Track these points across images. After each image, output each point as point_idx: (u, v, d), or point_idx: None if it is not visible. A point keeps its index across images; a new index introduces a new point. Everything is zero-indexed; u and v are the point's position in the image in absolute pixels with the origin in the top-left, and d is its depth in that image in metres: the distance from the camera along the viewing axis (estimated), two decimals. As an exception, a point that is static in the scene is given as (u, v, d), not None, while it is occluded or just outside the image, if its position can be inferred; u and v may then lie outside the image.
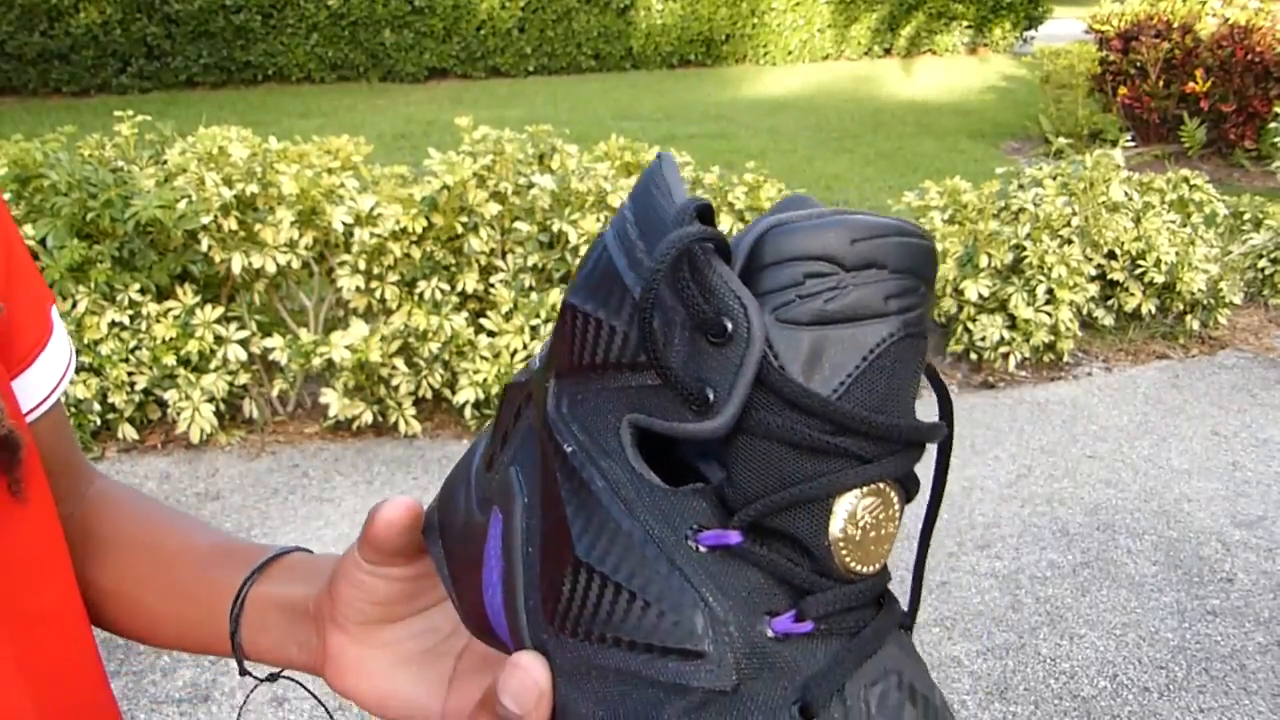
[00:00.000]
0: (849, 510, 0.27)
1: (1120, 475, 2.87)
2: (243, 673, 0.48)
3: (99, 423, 2.86)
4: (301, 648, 0.46)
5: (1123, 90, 6.60)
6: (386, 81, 9.58)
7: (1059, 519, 2.65)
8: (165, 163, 2.95)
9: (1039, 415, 3.24)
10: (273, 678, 0.49)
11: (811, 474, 0.27)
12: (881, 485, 0.28)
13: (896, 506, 0.28)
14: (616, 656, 0.28)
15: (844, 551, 0.28)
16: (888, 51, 11.15)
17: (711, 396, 0.27)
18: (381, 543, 0.40)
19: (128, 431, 2.85)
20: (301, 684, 0.50)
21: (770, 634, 0.27)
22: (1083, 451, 3.01)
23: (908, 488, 0.29)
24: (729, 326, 0.27)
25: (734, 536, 0.28)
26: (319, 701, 0.53)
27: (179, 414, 2.79)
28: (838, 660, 0.27)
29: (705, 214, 0.29)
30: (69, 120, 3.55)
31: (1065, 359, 3.53)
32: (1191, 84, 6.24)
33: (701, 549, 0.28)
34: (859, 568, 0.28)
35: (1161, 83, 6.43)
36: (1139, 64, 6.50)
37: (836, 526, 0.27)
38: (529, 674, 0.30)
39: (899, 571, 0.31)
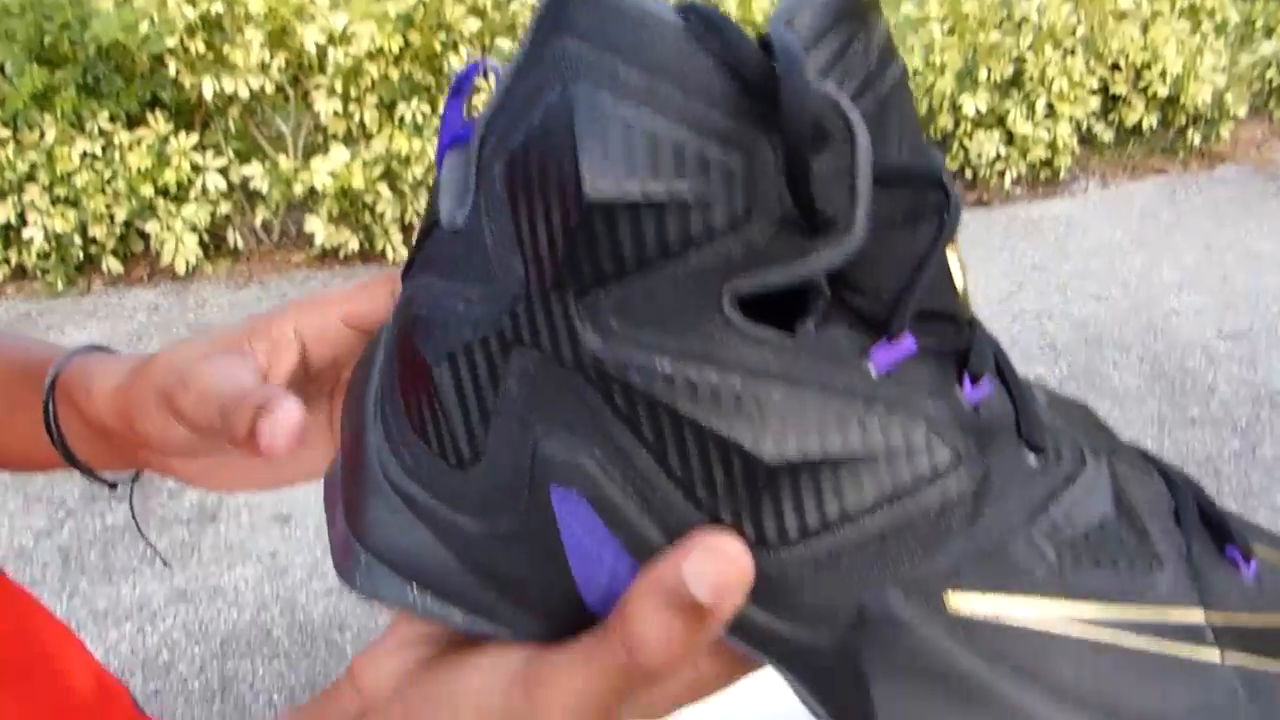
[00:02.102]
0: (956, 261, 0.26)
1: (1110, 291, 2.88)
2: (111, 486, 0.42)
3: (81, 256, 2.84)
4: (134, 462, 0.39)
5: (1139, -111, 6.22)
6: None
7: (1047, 334, 2.68)
8: (123, -21, 2.81)
9: (1032, 232, 3.22)
10: (137, 475, 0.43)
11: (923, 241, 0.24)
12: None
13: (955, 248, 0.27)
14: (866, 519, 0.25)
15: (966, 301, 0.26)
16: None
17: (834, 216, 0.23)
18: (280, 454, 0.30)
19: (112, 265, 2.83)
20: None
21: (968, 407, 0.25)
22: (1074, 268, 3.00)
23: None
24: (827, 129, 0.22)
25: (908, 343, 0.25)
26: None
27: (162, 245, 2.76)
28: (1021, 395, 0.26)
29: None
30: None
31: (1061, 175, 3.47)
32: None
33: (880, 375, 0.25)
34: (970, 313, 0.27)
35: (1181, -120, 6.06)
36: None
37: (958, 276, 0.26)
38: (726, 554, 0.24)
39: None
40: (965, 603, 0.24)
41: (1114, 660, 0.24)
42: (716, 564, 0.23)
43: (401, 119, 2.83)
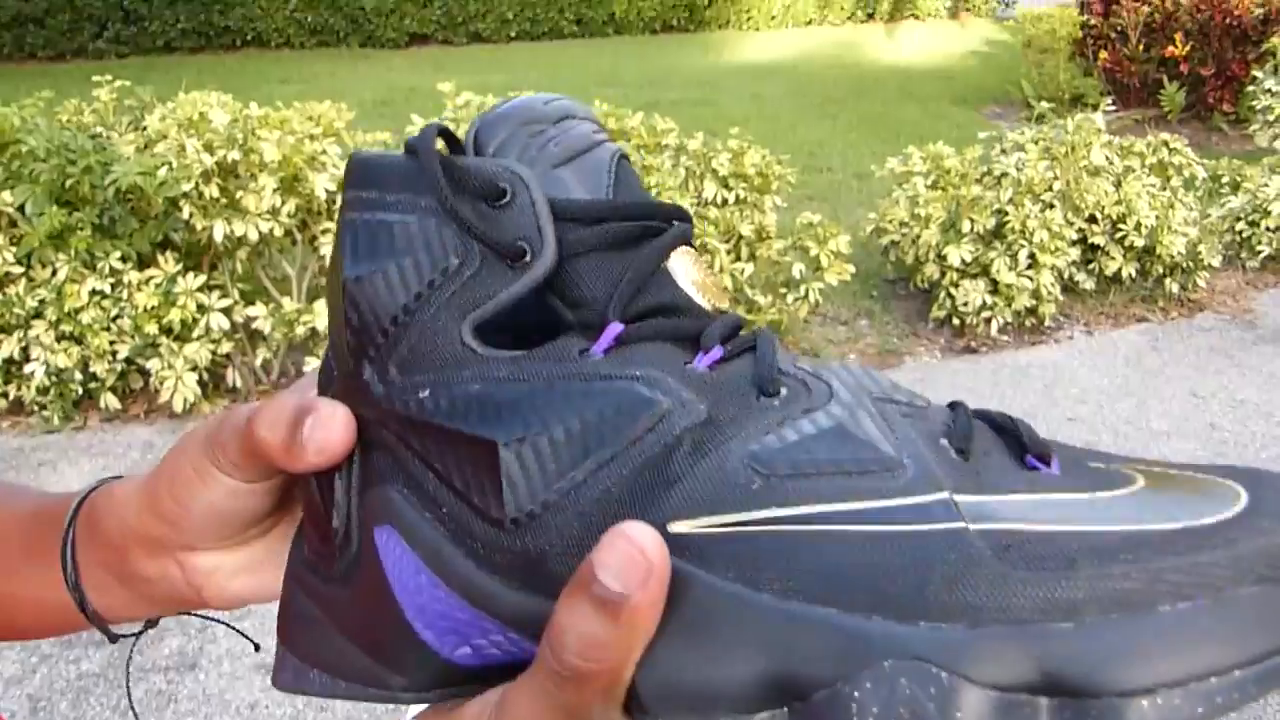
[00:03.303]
0: (681, 267, 0.32)
1: (1101, 437, 2.91)
2: (111, 639, 0.41)
3: (80, 392, 2.85)
4: (156, 600, 0.38)
5: (1103, 54, 6.59)
6: (367, 47, 9.46)
7: (1039, 480, 2.69)
8: (145, 129, 2.92)
9: (1020, 379, 3.27)
10: (151, 624, 0.43)
11: (636, 257, 0.31)
12: (686, 247, 0.32)
13: (703, 260, 0.33)
14: (598, 477, 0.28)
15: (702, 296, 0.32)
16: (870, 16, 11.08)
17: (526, 246, 0.30)
18: (313, 467, 0.32)
19: (110, 401, 2.84)
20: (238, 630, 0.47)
21: (700, 370, 0.29)
22: (1064, 414, 3.04)
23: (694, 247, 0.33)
24: (505, 186, 0.30)
25: (615, 327, 0.30)
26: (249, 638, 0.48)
27: (162, 383, 2.78)
28: (759, 355, 0.30)
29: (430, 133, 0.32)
30: (45, 85, 3.49)
31: (1046, 323, 3.56)
32: (1171, 48, 6.24)
33: (599, 356, 0.29)
34: (720, 305, 0.32)
35: (1141, 46, 6.43)
36: (1119, 28, 6.49)
37: (683, 280, 0.31)
38: (634, 541, 0.24)
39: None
40: (686, 527, 0.26)
41: (830, 547, 0.25)
42: (621, 550, 0.24)
43: (405, 262, 2.90)
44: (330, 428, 0.31)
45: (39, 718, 1.98)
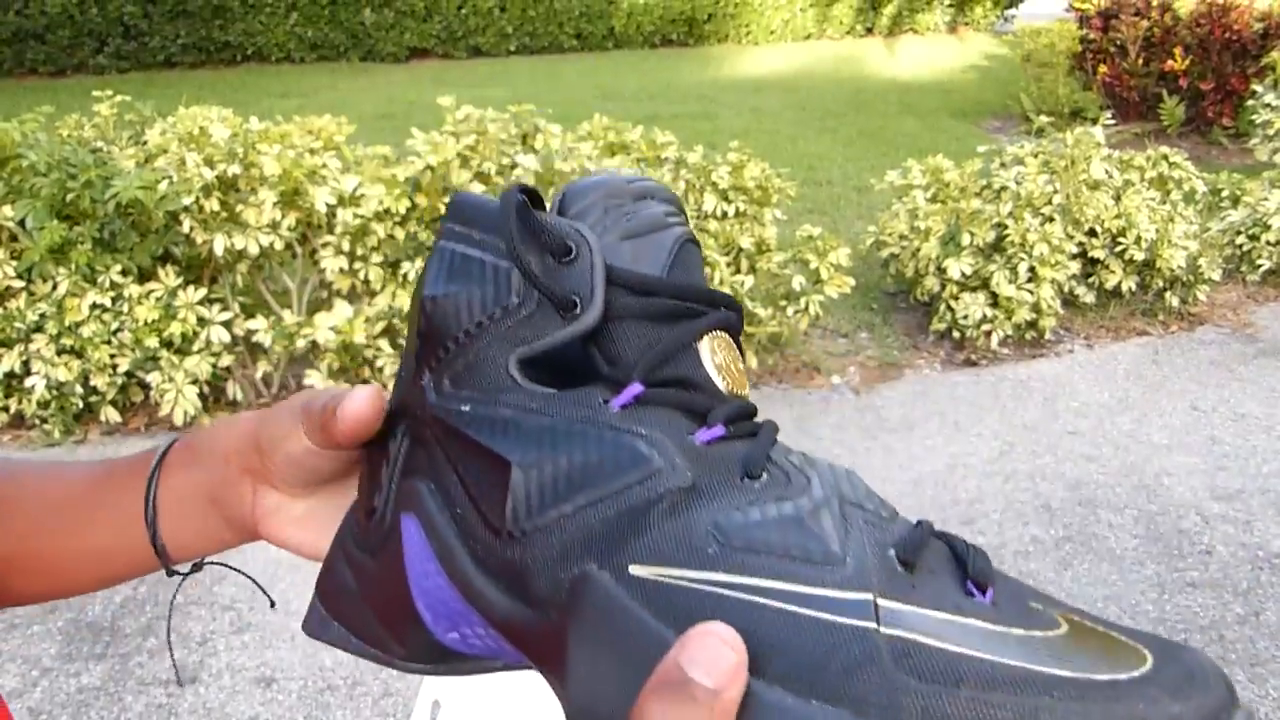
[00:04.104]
0: (709, 349, 0.35)
1: (1101, 451, 2.90)
2: (170, 573, 0.47)
3: (81, 405, 2.84)
4: (228, 521, 0.45)
5: (1103, 68, 6.62)
6: (367, 61, 9.49)
7: (1041, 495, 2.68)
8: (145, 143, 2.93)
9: (1021, 392, 3.27)
10: (197, 567, 0.48)
11: (678, 334, 0.34)
12: (719, 331, 0.35)
13: (735, 349, 0.36)
14: (586, 512, 0.31)
15: (722, 379, 0.35)
16: (869, 31, 11.13)
17: (578, 300, 0.33)
18: (349, 437, 0.38)
19: (110, 414, 2.84)
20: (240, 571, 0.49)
21: (698, 444, 0.32)
22: (1064, 428, 3.04)
23: (735, 336, 0.36)
24: (572, 246, 0.34)
25: (636, 388, 0.33)
26: (255, 583, 0.54)
27: (162, 396, 2.78)
28: (756, 441, 0.33)
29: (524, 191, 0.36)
30: (45, 100, 3.50)
31: (1047, 336, 3.56)
32: (1170, 62, 6.26)
33: (617, 409, 0.33)
34: (738, 391, 0.35)
35: (1141, 61, 6.45)
36: (1119, 42, 6.52)
37: (708, 361, 0.35)
38: (722, 638, 0.26)
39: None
40: (645, 571, 0.30)
41: (757, 616, 0.28)
42: (712, 648, 0.26)
43: (405, 277, 2.90)
44: (358, 403, 0.37)
45: (37, 733, 1.97)
